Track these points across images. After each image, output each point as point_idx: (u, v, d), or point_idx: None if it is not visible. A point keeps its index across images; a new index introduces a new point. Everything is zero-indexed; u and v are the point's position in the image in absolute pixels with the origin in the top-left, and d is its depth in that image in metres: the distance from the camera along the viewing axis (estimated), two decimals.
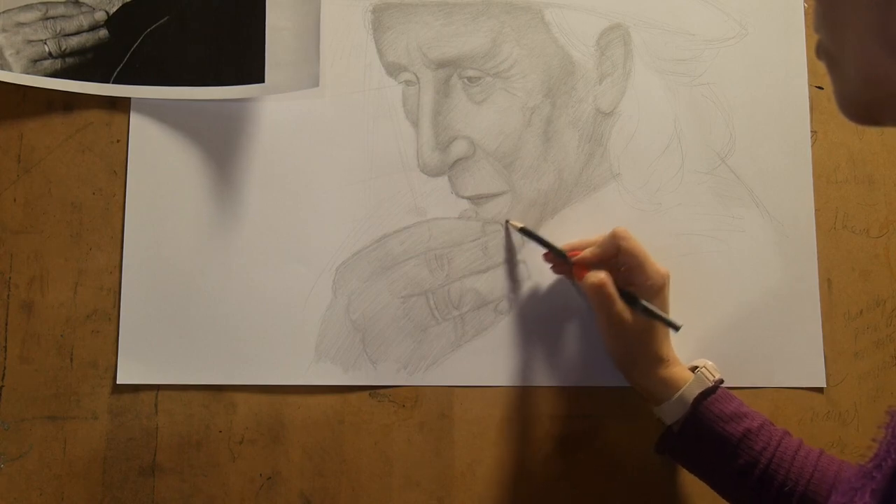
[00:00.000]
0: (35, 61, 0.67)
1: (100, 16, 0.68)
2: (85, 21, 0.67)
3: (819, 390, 0.69)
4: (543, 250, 0.67)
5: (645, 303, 0.61)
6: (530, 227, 0.68)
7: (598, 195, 0.69)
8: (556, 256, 0.65)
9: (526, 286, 0.68)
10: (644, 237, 0.64)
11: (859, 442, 0.68)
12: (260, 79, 0.67)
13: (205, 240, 0.67)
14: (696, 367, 0.63)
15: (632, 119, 0.70)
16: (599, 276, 0.61)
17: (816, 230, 0.70)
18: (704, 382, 0.61)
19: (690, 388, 0.60)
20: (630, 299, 0.61)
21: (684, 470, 0.67)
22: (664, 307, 0.62)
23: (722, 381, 0.62)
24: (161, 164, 0.68)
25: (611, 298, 0.60)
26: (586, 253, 0.63)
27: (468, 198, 0.69)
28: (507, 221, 0.68)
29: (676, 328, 0.61)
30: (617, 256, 0.62)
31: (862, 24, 0.36)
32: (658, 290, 0.61)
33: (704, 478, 0.62)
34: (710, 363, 0.63)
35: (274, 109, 0.69)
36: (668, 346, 0.62)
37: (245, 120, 0.68)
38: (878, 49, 0.36)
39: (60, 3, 0.67)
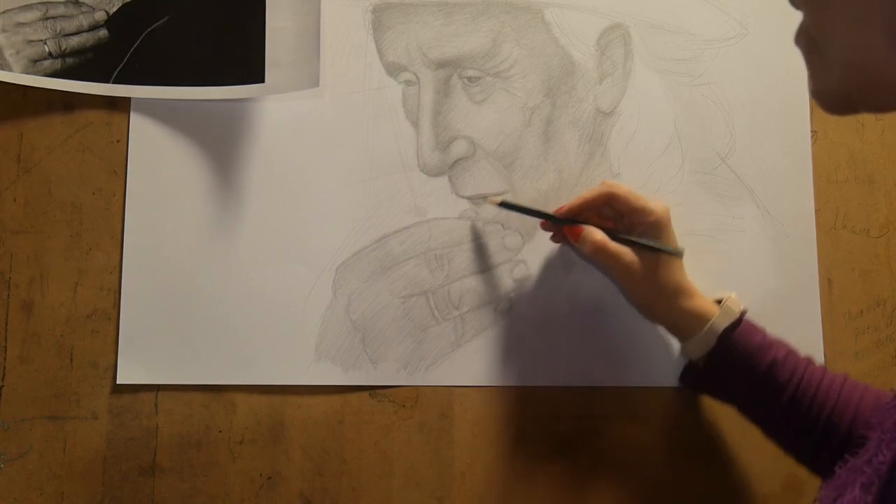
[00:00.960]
0: (35, 61, 0.67)
1: (100, 16, 0.68)
2: (85, 21, 0.67)
3: None
4: (541, 251, 0.67)
5: (643, 240, 0.61)
6: (531, 225, 0.68)
7: None
8: (544, 219, 0.66)
9: (526, 286, 0.68)
10: None
11: None
12: (260, 79, 0.67)
13: (205, 240, 0.67)
14: (721, 300, 0.62)
15: (632, 119, 0.70)
16: (593, 236, 0.61)
17: (816, 230, 0.70)
18: (731, 314, 0.60)
19: (718, 320, 0.60)
20: (629, 242, 0.61)
21: (684, 470, 0.67)
22: (672, 240, 0.62)
23: (745, 311, 0.62)
24: (161, 164, 0.68)
25: (613, 251, 0.60)
26: (573, 201, 0.63)
27: (468, 198, 0.69)
28: (485, 198, 0.67)
29: (679, 254, 0.62)
30: (611, 204, 0.63)
31: (855, 12, 0.35)
32: (663, 223, 0.62)
33: (730, 404, 0.62)
34: (733, 294, 0.63)
35: (274, 109, 0.69)
36: (684, 276, 0.62)
37: (245, 120, 0.68)
38: (877, 37, 0.34)
39: (60, 3, 0.67)
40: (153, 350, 0.66)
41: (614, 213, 0.64)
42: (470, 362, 0.67)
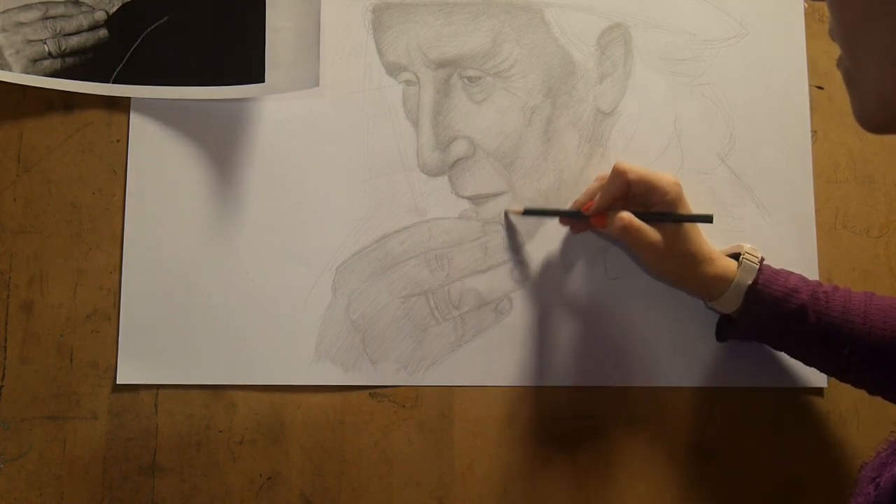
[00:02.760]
0: (35, 61, 0.67)
1: (100, 15, 0.68)
2: (85, 21, 0.67)
3: (819, 391, 0.69)
4: (541, 251, 0.67)
5: (674, 214, 0.62)
6: (531, 225, 0.68)
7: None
8: (571, 219, 0.66)
9: (526, 286, 0.68)
10: None
11: (859, 442, 0.68)
12: (260, 79, 0.67)
13: (205, 240, 0.67)
14: (738, 255, 0.63)
15: (632, 119, 0.70)
16: (622, 218, 0.61)
17: (817, 230, 0.70)
18: (752, 269, 0.62)
19: (740, 279, 0.62)
20: (655, 218, 0.62)
21: (684, 469, 0.67)
22: (688, 208, 0.63)
23: (763, 260, 0.63)
24: (161, 164, 0.68)
25: (641, 231, 0.61)
26: (598, 202, 0.64)
27: (468, 198, 0.69)
28: (505, 212, 0.68)
29: (710, 219, 0.62)
30: (628, 189, 0.63)
31: (884, 52, 0.37)
32: (677, 198, 0.62)
33: (767, 344, 0.66)
34: (747, 246, 0.64)
35: (274, 109, 0.69)
36: (704, 243, 0.63)
37: (245, 120, 0.68)
38: None
39: (60, 2, 0.67)
40: (153, 350, 0.66)
41: (629, 193, 0.64)
42: (470, 362, 0.67)
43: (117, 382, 0.65)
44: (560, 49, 0.70)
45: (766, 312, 0.62)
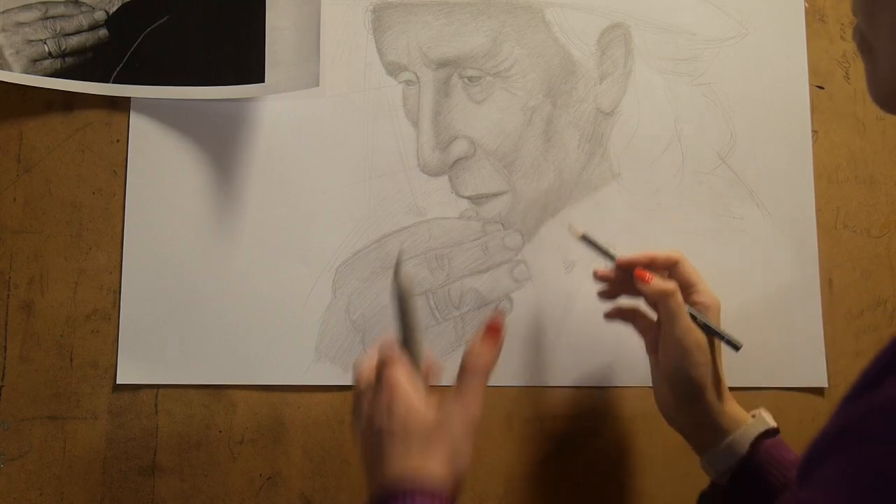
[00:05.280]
0: (35, 61, 0.67)
1: (99, 15, 0.68)
2: (84, 21, 0.67)
3: (820, 391, 0.69)
4: (541, 251, 0.67)
5: (707, 320, 0.58)
6: (531, 225, 0.68)
7: (598, 195, 0.69)
8: (609, 260, 0.63)
9: (526, 286, 0.68)
10: (644, 237, 0.64)
11: None
12: (260, 79, 0.67)
13: (205, 240, 0.67)
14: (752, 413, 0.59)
15: (632, 119, 0.70)
16: (670, 283, 0.58)
17: (817, 230, 0.70)
18: (766, 422, 0.58)
19: (754, 425, 0.57)
20: (692, 317, 0.58)
21: (684, 470, 0.67)
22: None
23: (778, 430, 0.58)
24: (161, 164, 0.68)
25: (681, 308, 0.57)
26: (642, 254, 0.61)
27: (468, 197, 0.69)
28: (570, 225, 0.66)
29: (738, 347, 0.59)
30: (672, 276, 0.60)
31: None
32: (713, 314, 0.59)
33: None
34: (763, 410, 0.60)
35: (274, 109, 0.68)
36: (723, 373, 0.59)
37: (245, 120, 0.68)
38: None
39: (60, 2, 0.67)
40: (153, 350, 0.66)
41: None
42: None
43: (117, 382, 0.65)
44: (560, 49, 0.70)
45: (769, 475, 0.55)
